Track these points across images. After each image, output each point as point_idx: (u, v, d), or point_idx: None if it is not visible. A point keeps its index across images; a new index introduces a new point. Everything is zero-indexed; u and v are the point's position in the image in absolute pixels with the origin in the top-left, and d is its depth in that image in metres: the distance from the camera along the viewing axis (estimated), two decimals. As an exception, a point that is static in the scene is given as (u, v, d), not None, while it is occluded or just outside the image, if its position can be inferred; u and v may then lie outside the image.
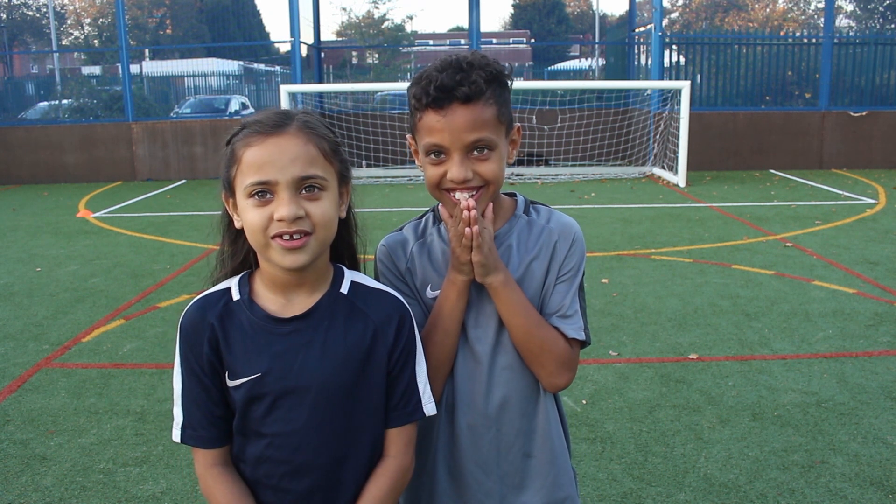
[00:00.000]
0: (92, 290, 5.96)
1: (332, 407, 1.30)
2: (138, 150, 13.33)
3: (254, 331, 1.30)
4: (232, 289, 1.34)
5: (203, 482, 1.33)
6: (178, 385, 1.33)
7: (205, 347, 1.30)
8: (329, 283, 1.35)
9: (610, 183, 11.73)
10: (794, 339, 4.54)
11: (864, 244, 7.07)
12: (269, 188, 1.24)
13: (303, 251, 1.24)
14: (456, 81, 1.31)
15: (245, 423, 1.31)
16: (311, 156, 1.26)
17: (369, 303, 1.35)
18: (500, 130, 1.38)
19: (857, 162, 13.12)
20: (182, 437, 1.32)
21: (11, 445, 3.40)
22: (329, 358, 1.29)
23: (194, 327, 1.31)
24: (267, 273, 1.32)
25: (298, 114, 1.30)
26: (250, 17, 35.93)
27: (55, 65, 23.72)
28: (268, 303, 1.32)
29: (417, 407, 1.36)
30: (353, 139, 13.28)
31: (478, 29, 13.96)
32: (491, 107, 1.35)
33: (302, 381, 1.28)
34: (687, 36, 17.81)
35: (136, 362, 4.38)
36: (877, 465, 3.09)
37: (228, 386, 1.31)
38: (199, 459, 1.33)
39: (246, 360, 1.29)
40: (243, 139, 1.27)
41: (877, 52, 13.68)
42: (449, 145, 1.34)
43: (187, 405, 1.32)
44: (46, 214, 9.79)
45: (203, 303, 1.34)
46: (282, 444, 1.29)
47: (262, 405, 1.29)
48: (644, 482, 2.99)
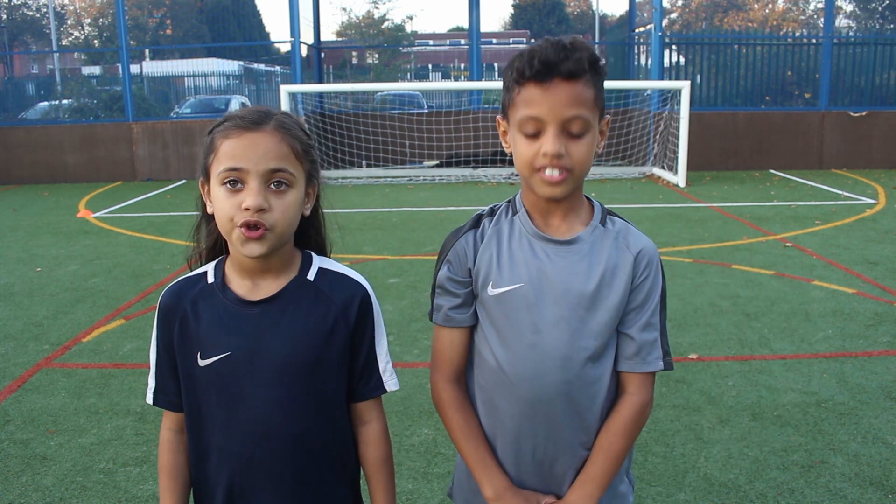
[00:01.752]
0: (92, 290, 5.96)
1: (296, 383, 1.40)
2: (138, 150, 13.33)
3: (225, 312, 1.41)
4: (208, 273, 1.46)
5: (161, 441, 1.50)
6: (154, 356, 1.48)
7: (175, 327, 1.42)
8: (297, 269, 1.45)
9: (610, 183, 11.73)
10: (794, 339, 4.55)
11: (863, 244, 7.08)
12: (240, 177, 1.33)
13: (260, 242, 1.34)
14: (560, 57, 1.31)
15: (216, 399, 1.41)
16: (283, 153, 1.35)
17: (333, 287, 1.45)
18: (596, 115, 1.37)
19: (856, 162, 13.13)
20: (154, 399, 1.48)
21: (11, 445, 3.40)
22: (292, 338, 1.40)
23: (169, 308, 1.44)
24: (235, 259, 1.43)
25: (278, 114, 1.40)
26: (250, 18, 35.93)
27: (55, 65, 23.73)
28: (237, 287, 1.43)
29: (379, 383, 1.49)
30: (353, 139, 13.28)
31: (478, 29, 13.95)
32: (590, 88, 1.34)
33: (267, 359, 1.39)
34: (687, 36, 17.81)
35: (136, 362, 4.39)
36: (877, 465, 3.09)
37: (200, 366, 1.41)
38: (165, 422, 1.50)
39: (216, 339, 1.40)
40: (223, 131, 1.37)
41: (877, 52, 13.68)
42: (547, 118, 1.33)
43: (160, 373, 1.47)
44: (46, 214, 9.79)
45: (181, 286, 1.46)
46: (248, 417, 1.39)
47: (231, 382, 1.40)
48: (644, 482, 2.99)
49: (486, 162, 12.96)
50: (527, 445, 1.45)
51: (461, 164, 13.15)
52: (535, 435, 1.44)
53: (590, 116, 1.35)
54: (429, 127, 13.38)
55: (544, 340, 1.40)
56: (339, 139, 13.12)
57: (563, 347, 1.40)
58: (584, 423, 1.44)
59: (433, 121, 13.48)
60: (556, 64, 1.31)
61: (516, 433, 1.45)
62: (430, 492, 2.96)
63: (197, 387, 1.42)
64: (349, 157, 13.14)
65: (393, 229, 8.20)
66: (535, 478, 1.47)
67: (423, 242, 7.51)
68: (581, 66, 1.32)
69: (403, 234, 7.92)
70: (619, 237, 1.44)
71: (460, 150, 13.28)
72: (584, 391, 1.42)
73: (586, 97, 1.33)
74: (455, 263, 1.47)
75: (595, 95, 1.35)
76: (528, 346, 1.41)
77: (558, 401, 1.42)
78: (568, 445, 1.45)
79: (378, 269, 6.40)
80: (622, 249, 1.43)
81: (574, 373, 1.41)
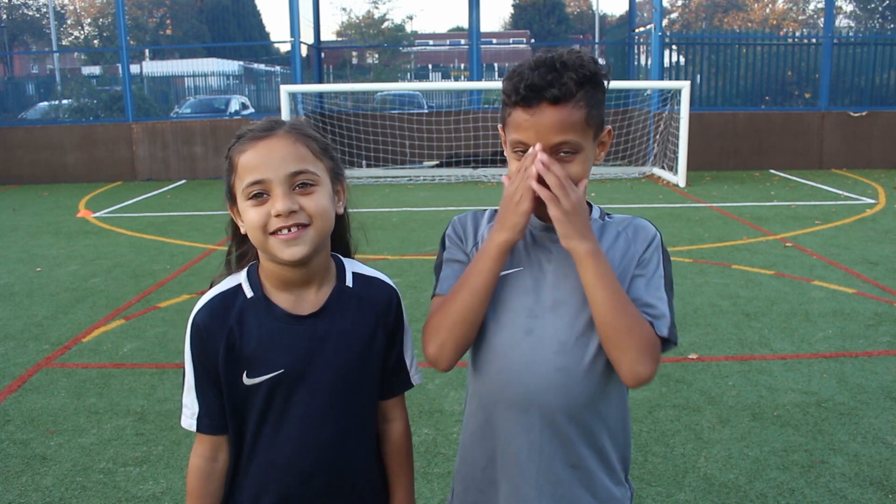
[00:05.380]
0: (92, 290, 5.96)
1: (345, 391, 1.40)
2: (138, 150, 13.33)
3: (274, 329, 1.36)
4: (243, 286, 1.39)
5: (191, 467, 1.42)
6: (192, 379, 1.38)
7: (221, 347, 1.35)
8: (335, 277, 1.42)
9: (610, 183, 11.73)
10: (794, 339, 4.54)
11: (863, 244, 7.08)
12: (264, 188, 1.30)
13: (300, 242, 1.30)
14: (546, 82, 1.30)
15: (263, 415, 1.37)
16: (301, 154, 1.33)
17: (371, 292, 1.44)
18: (588, 133, 1.36)
19: (856, 162, 13.13)
20: (199, 426, 1.39)
21: (11, 445, 3.40)
22: (343, 349, 1.38)
23: (209, 327, 1.35)
24: (274, 273, 1.37)
25: (289, 120, 1.39)
26: (250, 18, 35.99)
27: (55, 65, 23.72)
28: (281, 301, 1.38)
29: (406, 379, 1.51)
30: (353, 139, 13.28)
31: (478, 29, 13.96)
32: (580, 109, 1.32)
33: (320, 373, 1.37)
34: (687, 36, 17.81)
35: (136, 362, 4.39)
36: (877, 465, 3.09)
37: (245, 384, 1.36)
38: (198, 449, 1.41)
39: (267, 357, 1.35)
40: (238, 147, 1.35)
41: (877, 52, 13.68)
42: (533, 143, 1.33)
43: (203, 397, 1.38)
44: (46, 214, 9.79)
45: (219, 302, 1.38)
46: (301, 430, 1.38)
47: (281, 397, 1.37)
48: (644, 482, 2.99)
49: (486, 162, 12.96)
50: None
51: (461, 164, 13.15)
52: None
53: (578, 138, 1.34)
54: (429, 127, 13.38)
55: (542, 325, 1.41)
56: (339, 139, 13.12)
57: (559, 333, 1.40)
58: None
59: (433, 121, 13.48)
60: (542, 90, 1.30)
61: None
62: (430, 492, 2.96)
63: (241, 405, 1.38)
64: (349, 157, 13.14)
65: (393, 229, 8.20)
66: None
67: (423, 242, 7.51)
68: (568, 90, 1.30)
69: (403, 234, 7.92)
70: (621, 226, 1.47)
71: (460, 150, 13.29)
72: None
73: (574, 120, 1.32)
74: (458, 233, 1.50)
75: (587, 114, 1.33)
76: (525, 331, 1.41)
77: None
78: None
79: (378, 269, 6.39)
80: (623, 235, 1.45)
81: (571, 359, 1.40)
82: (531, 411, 1.41)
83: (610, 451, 1.46)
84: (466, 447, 1.53)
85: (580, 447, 1.43)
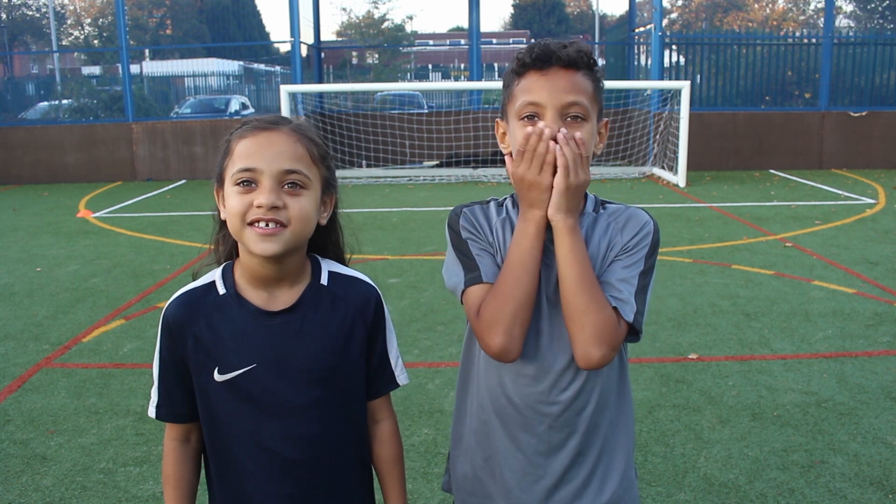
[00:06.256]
0: (92, 290, 5.96)
1: (323, 388, 1.39)
2: (138, 150, 13.33)
3: (245, 325, 1.37)
4: (216, 283, 1.41)
5: (165, 451, 1.47)
6: (158, 370, 1.43)
7: (189, 343, 1.37)
8: (309, 275, 1.43)
9: (610, 183, 11.74)
10: (794, 339, 4.54)
11: (863, 244, 7.08)
12: (253, 177, 1.31)
13: (275, 240, 1.30)
14: (560, 46, 1.37)
15: (240, 411, 1.38)
16: (298, 154, 1.33)
17: (348, 291, 1.44)
18: (594, 109, 1.40)
19: (856, 162, 13.13)
20: (157, 413, 1.44)
21: (11, 445, 3.40)
22: (316, 344, 1.38)
23: (179, 322, 1.38)
24: (248, 268, 1.38)
25: (295, 119, 1.40)
26: (250, 18, 35.94)
27: (55, 65, 23.70)
28: (253, 298, 1.39)
29: (392, 378, 1.50)
30: (353, 139, 13.28)
31: (478, 29, 13.95)
32: (589, 81, 1.39)
33: (293, 368, 1.37)
34: (687, 36, 17.81)
35: (136, 362, 4.39)
36: (876, 465, 3.09)
37: (217, 381, 1.37)
38: (169, 432, 1.47)
39: (238, 353, 1.36)
40: (239, 133, 1.36)
41: (877, 52, 13.68)
42: (546, 103, 1.36)
43: (164, 387, 1.43)
44: (46, 214, 9.79)
45: (189, 298, 1.40)
46: (277, 426, 1.38)
47: (258, 392, 1.37)
48: (644, 482, 2.99)
49: (486, 162, 12.96)
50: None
51: (461, 164, 13.15)
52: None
53: (588, 105, 1.37)
54: (429, 127, 13.38)
55: (549, 322, 1.43)
56: (339, 139, 13.12)
57: (566, 330, 1.41)
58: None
59: (433, 121, 13.48)
60: (556, 52, 1.36)
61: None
62: (430, 492, 2.96)
63: (215, 401, 1.39)
64: (349, 157, 13.14)
65: (393, 229, 8.20)
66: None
67: (423, 242, 7.51)
68: (580, 58, 1.37)
69: (403, 234, 7.92)
70: (613, 216, 1.48)
71: (460, 150, 13.29)
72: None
73: (585, 86, 1.38)
74: (474, 225, 1.47)
75: (594, 88, 1.39)
76: (534, 331, 1.43)
77: None
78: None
79: (378, 269, 6.40)
80: (613, 226, 1.47)
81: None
82: (537, 408, 1.44)
83: (618, 442, 1.51)
84: (467, 445, 1.56)
85: (588, 438, 1.47)
